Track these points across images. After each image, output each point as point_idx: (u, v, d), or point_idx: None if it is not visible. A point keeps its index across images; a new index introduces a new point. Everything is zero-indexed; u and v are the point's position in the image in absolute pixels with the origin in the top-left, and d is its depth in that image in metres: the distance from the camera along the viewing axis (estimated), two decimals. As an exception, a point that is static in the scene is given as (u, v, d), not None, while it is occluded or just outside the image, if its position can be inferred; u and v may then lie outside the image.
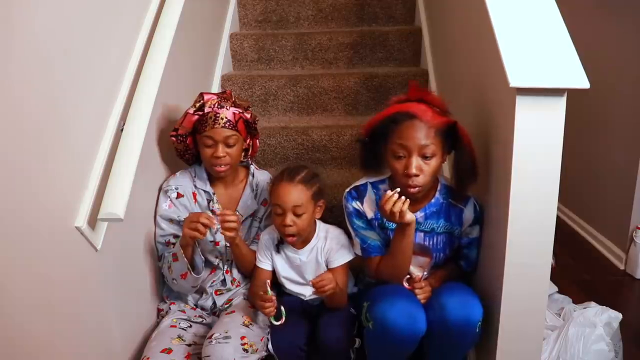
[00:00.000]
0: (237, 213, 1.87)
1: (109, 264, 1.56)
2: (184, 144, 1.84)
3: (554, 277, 2.20)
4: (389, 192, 1.53)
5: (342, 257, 1.81)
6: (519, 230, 1.44)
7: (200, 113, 1.78)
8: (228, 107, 1.80)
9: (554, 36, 1.41)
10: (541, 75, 1.33)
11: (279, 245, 1.84)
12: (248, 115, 1.87)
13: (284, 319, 1.68)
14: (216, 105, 1.79)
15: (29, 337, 1.21)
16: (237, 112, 1.82)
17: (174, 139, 1.83)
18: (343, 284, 1.80)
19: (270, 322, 1.70)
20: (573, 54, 1.36)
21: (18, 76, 1.16)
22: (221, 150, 1.79)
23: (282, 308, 1.68)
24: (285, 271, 1.86)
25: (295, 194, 1.70)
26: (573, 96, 1.34)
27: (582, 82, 1.30)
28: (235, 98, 1.87)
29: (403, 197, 1.52)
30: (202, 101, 1.79)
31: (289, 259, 1.84)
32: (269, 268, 1.85)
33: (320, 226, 1.86)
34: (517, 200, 1.41)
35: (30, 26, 1.21)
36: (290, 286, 1.88)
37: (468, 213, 1.71)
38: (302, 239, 1.81)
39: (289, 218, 1.70)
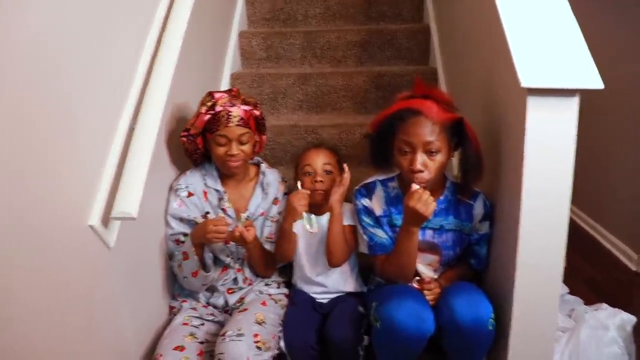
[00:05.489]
0: (248, 218, 1.88)
1: (121, 262, 1.57)
2: (194, 144, 1.84)
3: (564, 278, 2.20)
4: (414, 186, 1.55)
5: (346, 220, 1.90)
6: (531, 231, 1.43)
7: (212, 112, 1.78)
8: (239, 105, 1.80)
9: (566, 35, 1.40)
10: (553, 76, 1.32)
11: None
12: (258, 112, 1.88)
13: (316, 228, 1.84)
14: (227, 103, 1.79)
15: (41, 333, 1.22)
16: (248, 110, 1.82)
17: (184, 139, 1.83)
18: (350, 240, 1.89)
19: (307, 225, 1.83)
20: (586, 54, 1.35)
21: (27, 75, 1.16)
22: (235, 148, 1.79)
23: (313, 217, 1.86)
24: (303, 242, 1.94)
25: (324, 154, 1.95)
26: (584, 95, 1.33)
27: (595, 82, 1.29)
28: (243, 95, 1.87)
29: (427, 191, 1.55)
30: (212, 100, 1.79)
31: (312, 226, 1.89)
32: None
33: (345, 203, 1.95)
34: (529, 201, 1.41)
35: (38, 25, 1.21)
36: (307, 271, 1.95)
37: (478, 208, 1.72)
38: (325, 201, 1.92)
39: (320, 175, 1.90)
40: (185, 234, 1.86)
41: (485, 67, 1.85)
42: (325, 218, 1.93)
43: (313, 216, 1.85)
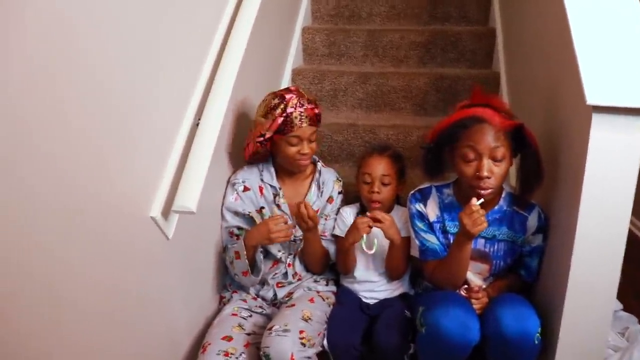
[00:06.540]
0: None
1: (178, 253, 1.63)
2: (265, 147, 1.87)
3: (618, 293, 2.13)
4: (474, 200, 1.54)
5: (403, 230, 1.89)
6: (586, 248, 1.41)
7: (285, 114, 1.80)
8: (307, 105, 1.83)
9: (635, 51, 1.36)
10: (620, 93, 1.29)
11: (359, 214, 1.98)
12: (318, 110, 1.90)
13: (374, 248, 1.84)
14: (297, 104, 1.81)
15: (102, 316, 1.28)
16: (313, 108, 1.85)
17: (259, 145, 1.85)
18: (408, 251, 1.89)
19: (362, 247, 1.84)
20: (656, 71, 1.31)
21: (105, 74, 1.20)
22: (307, 147, 1.84)
23: (376, 240, 1.85)
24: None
25: (384, 164, 1.91)
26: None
27: (665, 102, 1.25)
28: (303, 92, 1.90)
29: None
30: (284, 102, 1.80)
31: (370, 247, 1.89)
32: None
33: (399, 207, 2.01)
34: (586, 218, 1.38)
35: (117, 25, 1.26)
36: (358, 273, 1.95)
37: (532, 221, 1.70)
38: (384, 209, 1.92)
39: (377, 186, 1.88)
40: (239, 228, 1.91)
41: (550, 76, 1.81)
42: None
43: (375, 239, 1.86)
